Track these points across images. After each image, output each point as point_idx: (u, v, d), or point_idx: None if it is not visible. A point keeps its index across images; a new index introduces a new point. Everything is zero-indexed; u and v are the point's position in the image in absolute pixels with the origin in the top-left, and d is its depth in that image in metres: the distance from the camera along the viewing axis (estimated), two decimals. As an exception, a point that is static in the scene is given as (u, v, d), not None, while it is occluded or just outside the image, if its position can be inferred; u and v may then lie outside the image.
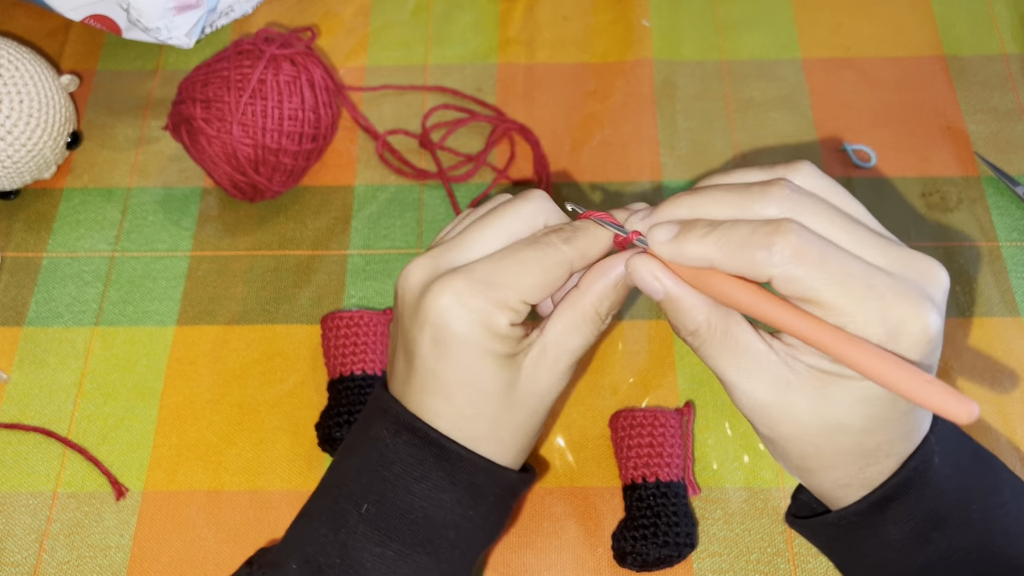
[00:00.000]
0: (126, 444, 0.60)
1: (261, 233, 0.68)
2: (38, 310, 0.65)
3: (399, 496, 0.44)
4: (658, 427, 0.57)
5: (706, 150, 0.71)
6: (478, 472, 0.44)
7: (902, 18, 0.78)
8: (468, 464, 0.44)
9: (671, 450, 0.56)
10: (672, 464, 0.56)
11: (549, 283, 0.43)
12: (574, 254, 0.43)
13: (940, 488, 0.42)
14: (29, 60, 0.66)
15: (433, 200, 0.70)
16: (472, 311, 0.41)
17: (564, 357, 0.44)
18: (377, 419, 0.45)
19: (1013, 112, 0.73)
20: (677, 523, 0.54)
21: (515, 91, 0.75)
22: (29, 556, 0.56)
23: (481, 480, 0.44)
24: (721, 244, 0.39)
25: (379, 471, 0.44)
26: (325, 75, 0.66)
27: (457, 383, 0.43)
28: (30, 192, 0.70)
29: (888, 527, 0.42)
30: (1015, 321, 0.64)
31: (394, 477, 0.44)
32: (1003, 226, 0.67)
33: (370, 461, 0.45)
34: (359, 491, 0.44)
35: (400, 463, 0.44)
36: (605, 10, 0.79)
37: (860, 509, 0.42)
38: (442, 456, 0.44)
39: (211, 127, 0.63)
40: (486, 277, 0.42)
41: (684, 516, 0.55)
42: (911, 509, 0.42)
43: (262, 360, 0.63)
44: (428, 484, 0.44)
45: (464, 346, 0.42)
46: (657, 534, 0.54)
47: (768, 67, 0.76)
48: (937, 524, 0.42)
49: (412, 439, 0.44)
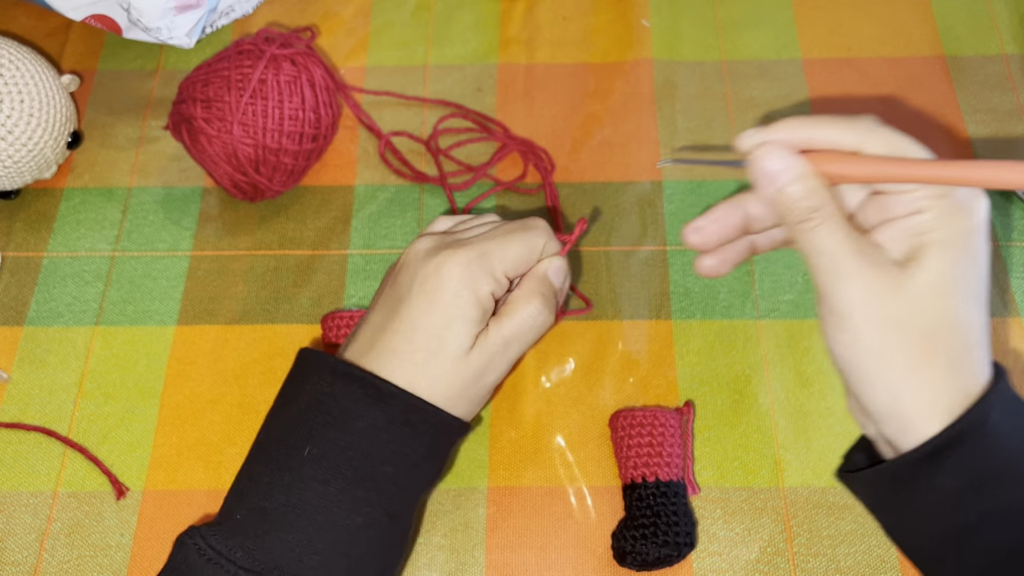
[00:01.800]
0: (126, 444, 0.60)
1: (261, 233, 0.68)
2: (39, 310, 0.65)
3: (339, 436, 0.47)
4: (657, 426, 0.57)
5: (706, 150, 0.71)
6: (412, 410, 0.48)
7: (902, 18, 0.78)
8: (401, 402, 0.48)
9: (670, 449, 0.56)
10: (672, 463, 0.56)
11: (527, 261, 0.52)
12: (550, 240, 0.53)
13: (997, 442, 0.42)
14: (30, 60, 0.66)
15: (433, 201, 0.70)
16: (465, 273, 0.49)
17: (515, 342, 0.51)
18: (312, 374, 0.50)
19: (1013, 112, 0.73)
20: (676, 522, 0.54)
21: (515, 91, 0.75)
22: (29, 555, 0.56)
23: (415, 418, 0.48)
24: (812, 120, 0.43)
25: (320, 416, 0.48)
26: (325, 75, 0.66)
27: (424, 328, 0.49)
28: (31, 192, 0.70)
29: (942, 477, 0.42)
30: (1015, 321, 0.64)
31: (334, 420, 0.48)
32: (1002, 226, 0.68)
33: (309, 409, 0.49)
34: (302, 436, 0.48)
35: (338, 406, 0.48)
36: (605, 10, 0.79)
37: (916, 457, 0.42)
38: (377, 396, 0.48)
39: (211, 127, 0.63)
40: (481, 249, 0.50)
41: (683, 515, 0.55)
42: (966, 460, 0.42)
43: (262, 360, 0.63)
44: (365, 422, 0.47)
45: (448, 299, 0.49)
46: (657, 534, 0.54)
47: (768, 67, 0.76)
48: (992, 478, 0.42)
49: (349, 383, 0.48)
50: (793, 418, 0.60)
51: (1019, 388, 0.61)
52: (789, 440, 0.60)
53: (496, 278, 0.50)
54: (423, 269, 0.50)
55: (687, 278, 0.66)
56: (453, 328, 0.49)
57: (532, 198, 0.69)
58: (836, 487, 0.58)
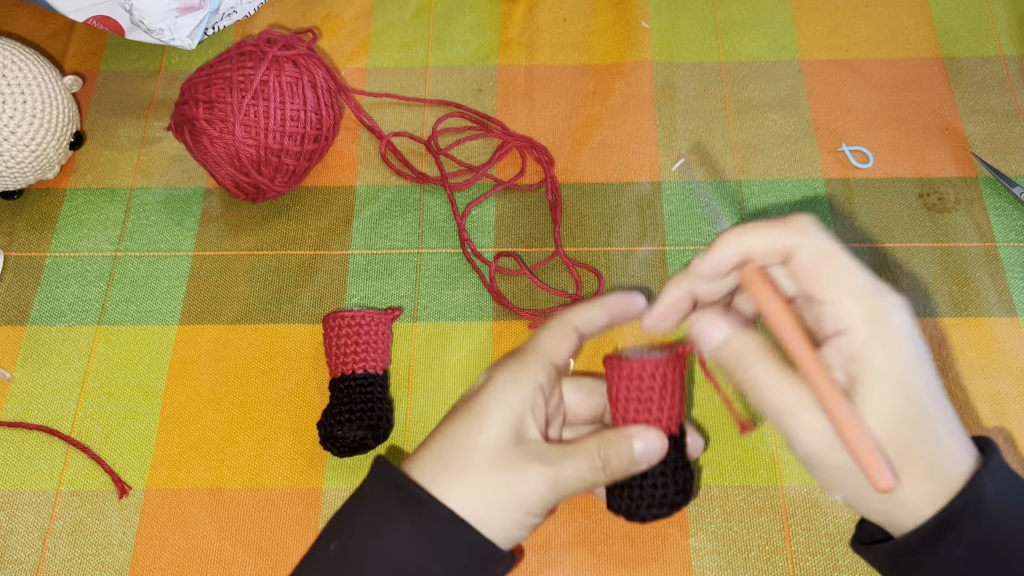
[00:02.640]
0: (129, 442, 0.60)
1: (263, 233, 0.69)
2: (41, 309, 0.65)
3: (364, 536, 0.47)
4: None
5: (705, 151, 0.72)
6: (441, 522, 0.46)
7: (900, 19, 0.78)
8: (430, 510, 0.46)
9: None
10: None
11: (558, 340, 0.51)
12: (576, 319, 0.51)
13: (995, 519, 0.43)
14: (32, 61, 0.66)
15: (434, 201, 0.70)
16: (505, 367, 0.49)
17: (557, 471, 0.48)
18: (368, 476, 0.49)
19: (1010, 113, 0.73)
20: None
21: (515, 92, 0.75)
22: (32, 554, 0.57)
23: (444, 531, 0.46)
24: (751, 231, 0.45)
25: (352, 514, 0.48)
26: (327, 76, 0.66)
27: (460, 416, 0.48)
28: (33, 192, 0.71)
29: (944, 556, 0.43)
30: (1012, 321, 0.64)
31: (364, 521, 0.47)
32: (1000, 227, 0.68)
33: (348, 507, 0.49)
34: (332, 531, 0.48)
35: (372, 508, 0.47)
36: (605, 12, 0.79)
37: (916, 537, 0.44)
38: (407, 501, 0.46)
39: (214, 128, 0.63)
40: (519, 351, 0.51)
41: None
42: (965, 539, 0.43)
43: (264, 359, 0.63)
44: (392, 527, 0.46)
45: (489, 390, 0.49)
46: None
47: (767, 68, 0.76)
48: (993, 555, 0.43)
49: (385, 486, 0.48)
50: (792, 417, 0.61)
51: (1017, 389, 0.61)
52: (788, 439, 0.60)
53: (539, 365, 0.50)
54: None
55: (686, 278, 0.66)
56: (490, 413, 0.48)
57: (533, 196, 0.70)
58: (834, 486, 0.58)
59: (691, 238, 0.68)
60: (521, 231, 0.68)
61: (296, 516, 0.58)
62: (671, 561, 0.56)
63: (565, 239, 0.68)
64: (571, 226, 0.68)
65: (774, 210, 0.69)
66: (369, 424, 0.58)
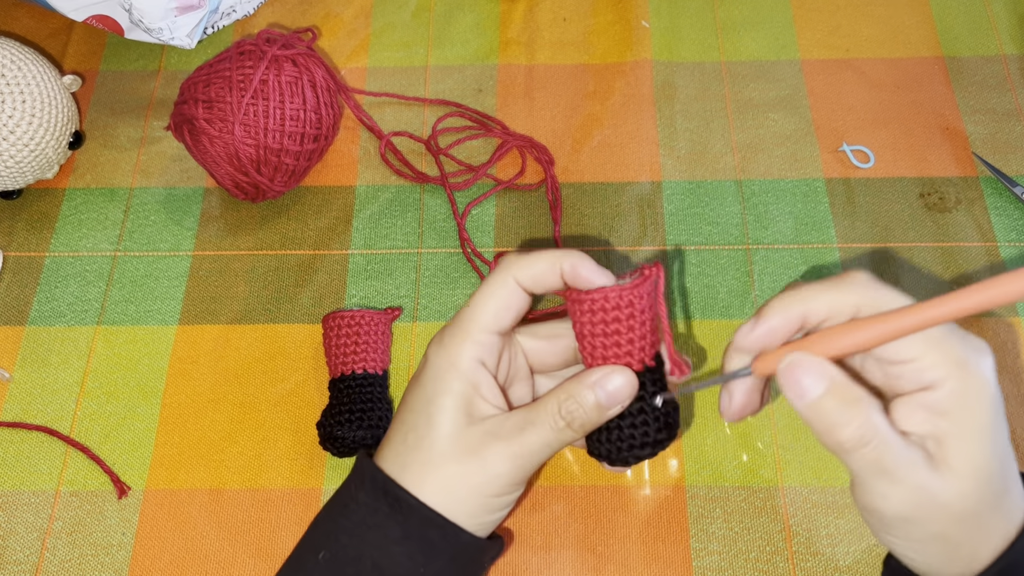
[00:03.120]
0: (128, 443, 0.60)
1: (263, 233, 0.69)
2: (40, 309, 0.65)
3: (352, 544, 0.45)
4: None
5: (705, 150, 0.72)
6: (430, 526, 0.44)
7: (900, 19, 0.78)
8: (419, 515, 0.44)
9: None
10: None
11: (503, 306, 0.46)
12: (520, 273, 0.46)
13: None
14: (32, 60, 0.66)
15: (434, 201, 0.70)
16: (438, 344, 0.46)
17: (518, 446, 0.45)
18: (351, 477, 0.48)
19: (1011, 113, 0.73)
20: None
21: (515, 92, 0.75)
22: (31, 554, 0.57)
23: (434, 535, 0.45)
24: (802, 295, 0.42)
25: (338, 520, 0.46)
26: (327, 76, 0.66)
27: (412, 407, 0.46)
28: (32, 192, 0.71)
29: None
30: (1014, 321, 0.64)
31: (351, 525, 0.45)
32: (1001, 226, 0.68)
33: (333, 511, 0.47)
34: (319, 538, 0.46)
35: (357, 512, 0.46)
36: (605, 11, 0.79)
37: None
38: (396, 507, 0.45)
39: (213, 127, 0.63)
40: (455, 319, 0.47)
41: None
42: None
43: (264, 359, 0.63)
44: (380, 534, 0.45)
45: (428, 374, 0.46)
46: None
47: (767, 68, 0.76)
48: None
49: (372, 490, 0.46)
50: (792, 417, 0.61)
51: (1019, 389, 0.61)
52: (788, 440, 0.60)
53: (476, 340, 0.46)
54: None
55: (686, 278, 0.66)
56: (435, 403, 0.45)
57: (533, 195, 0.70)
58: (835, 487, 0.58)
59: (691, 238, 0.68)
60: (521, 231, 0.68)
61: (296, 516, 0.58)
62: (672, 562, 0.56)
63: (565, 239, 0.68)
64: (571, 226, 0.68)
65: (774, 210, 0.69)
66: (369, 424, 0.58)
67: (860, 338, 0.41)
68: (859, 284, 0.42)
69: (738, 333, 0.44)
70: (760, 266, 0.66)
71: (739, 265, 0.66)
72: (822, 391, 0.41)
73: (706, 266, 0.66)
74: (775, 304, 0.43)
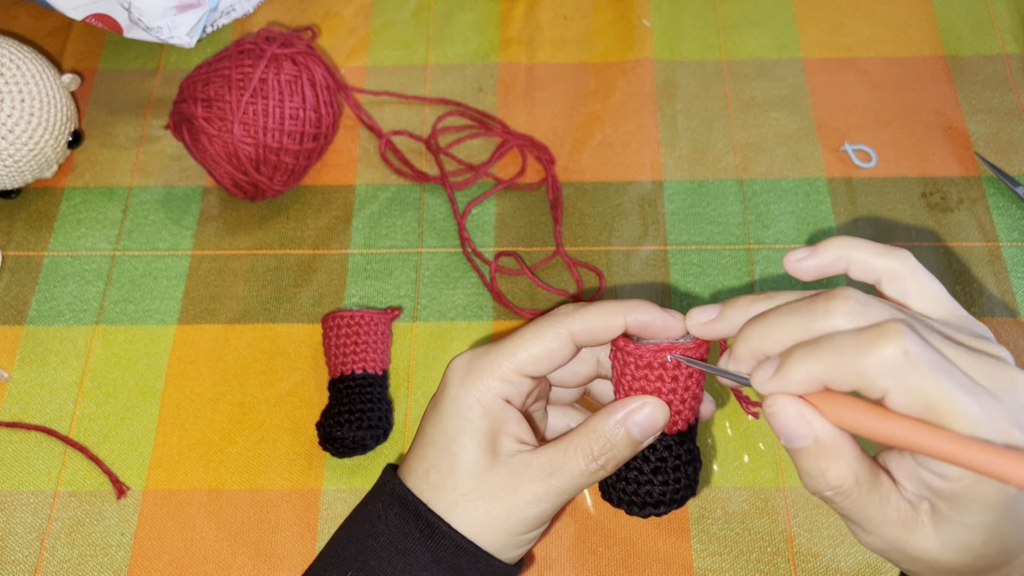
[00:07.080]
0: (127, 443, 0.60)
1: (262, 232, 0.68)
2: (39, 309, 0.65)
3: (381, 567, 0.44)
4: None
5: (706, 150, 0.71)
6: (461, 554, 0.43)
7: (902, 18, 0.78)
8: (451, 543, 0.43)
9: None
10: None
11: (545, 353, 0.43)
12: (575, 325, 0.43)
13: None
14: (31, 59, 0.66)
15: (434, 200, 0.70)
16: (463, 376, 0.44)
17: (545, 490, 0.43)
18: (376, 494, 0.46)
19: (1013, 112, 0.73)
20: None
21: (516, 91, 0.75)
22: (30, 554, 0.56)
23: (464, 564, 0.43)
24: (827, 359, 0.36)
25: (367, 540, 0.45)
26: (326, 74, 0.66)
27: (433, 442, 0.44)
28: (31, 191, 0.70)
29: None
30: (1015, 321, 0.64)
31: (380, 547, 0.44)
32: (1003, 226, 0.68)
33: (360, 531, 0.45)
34: (346, 558, 0.45)
35: (387, 534, 0.44)
36: (606, 10, 0.79)
37: None
38: (427, 532, 0.43)
39: (212, 126, 0.63)
40: (488, 350, 0.44)
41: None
42: None
43: (263, 359, 0.63)
44: (410, 559, 0.44)
45: (448, 408, 0.44)
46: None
47: (769, 67, 0.76)
48: None
49: (402, 512, 0.44)
50: (793, 418, 0.60)
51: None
52: (789, 440, 0.60)
53: (507, 379, 0.43)
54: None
55: (687, 278, 0.66)
56: (458, 442, 0.44)
57: (533, 195, 0.69)
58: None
59: (692, 237, 0.67)
60: (521, 230, 0.68)
61: (295, 517, 0.57)
62: (672, 562, 0.56)
63: (566, 238, 0.68)
64: (572, 225, 0.68)
65: (776, 209, 0.68)
66: (368, 425, 0.58)
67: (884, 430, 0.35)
68: (908, 263, 0.39)
69: (789, 257, 0.41)
70: (762, 266, 0.66)
71: (741, 265, 0.66)
72: (806, 445, 0.38)
73: (707, 266, 0.66)
74: (835, 242, 0.40)
